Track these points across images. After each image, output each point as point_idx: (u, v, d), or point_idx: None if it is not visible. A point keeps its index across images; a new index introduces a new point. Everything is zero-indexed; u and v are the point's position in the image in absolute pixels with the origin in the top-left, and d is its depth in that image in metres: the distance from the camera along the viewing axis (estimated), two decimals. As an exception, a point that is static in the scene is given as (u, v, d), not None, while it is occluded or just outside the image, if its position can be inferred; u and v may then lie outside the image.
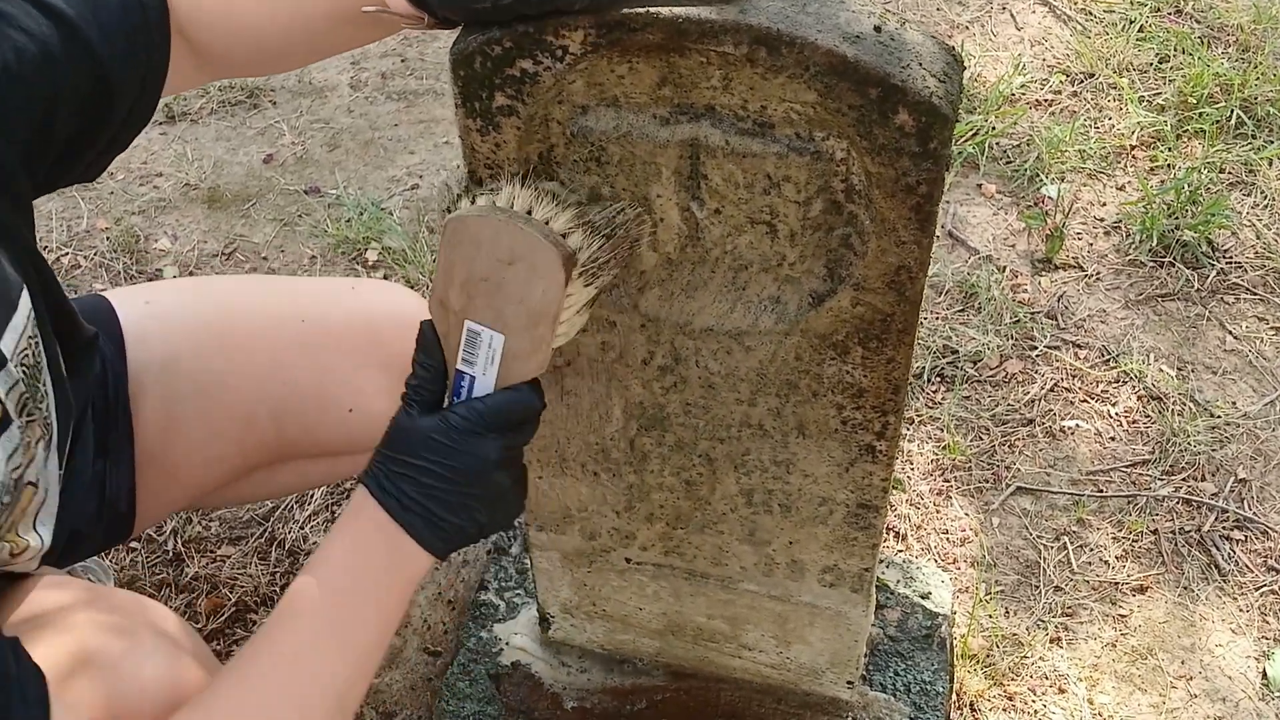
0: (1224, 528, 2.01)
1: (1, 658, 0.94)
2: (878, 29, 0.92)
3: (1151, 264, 2.43)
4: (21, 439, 1.10)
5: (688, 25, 0.90)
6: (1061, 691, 1.80)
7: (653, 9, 0.90)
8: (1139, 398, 2.20)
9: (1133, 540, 1.99)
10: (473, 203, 1.01)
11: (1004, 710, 1.77)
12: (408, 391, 1.04)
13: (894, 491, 2.05)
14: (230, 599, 1.92)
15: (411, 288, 2.43)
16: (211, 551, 1.98)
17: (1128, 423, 2.17)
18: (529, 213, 0.98)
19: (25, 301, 1.11)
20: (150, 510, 1.48)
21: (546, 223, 0.98)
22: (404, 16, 1.01)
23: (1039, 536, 2.01)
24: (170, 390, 1.44)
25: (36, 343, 1.13)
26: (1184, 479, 2.08)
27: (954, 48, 0.97)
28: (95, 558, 1.71)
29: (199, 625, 1.89)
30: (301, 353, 1.49)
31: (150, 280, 2.50)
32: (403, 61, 3.02)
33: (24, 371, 1.10)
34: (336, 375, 1.50)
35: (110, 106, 1.12)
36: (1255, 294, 2.38)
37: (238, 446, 1.49)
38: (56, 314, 1.24)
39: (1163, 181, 2.58)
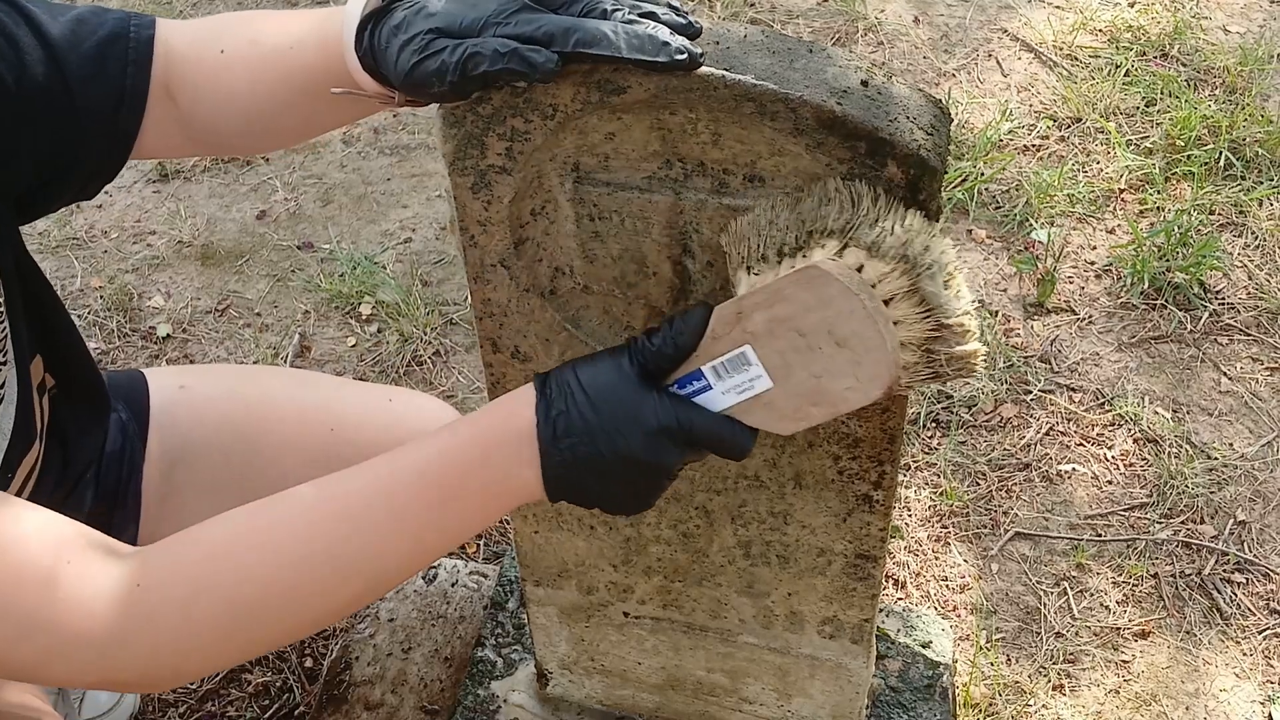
0: (1225, 570, 2.00)
1: None
2: (865, 83, 0.92)
3: (1144, 306, 2.44)
4: None
5: (676, 83, 0.91)
6: (1066, 740, 1.78)
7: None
8: (1135, 440, 2.20)
9: (1133, 585, 1.98)
10: (844, 250, 0.87)
11: (1008, 760, 1.76)
12: (639, 344, 0.92)
13: (892, 539, 2.04)
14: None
15: (405, 341, 2.43)
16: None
17: (1124, 466, 2.16)
18: (889, 301, 0.86)
19: None
20: None
21: (896, 324, 0.87)
22: (375, 96, 1.02)
23: (1039, 582, 2.00)
24: (185, 479, 1.42)
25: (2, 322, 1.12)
26: (1183, 522, 2.07)
27: (941, 100, 0.97)
28: None
29: (193, 684, 1.87)
30: (325, 466, 1.47)
31: (144, 337, 2.50)
32: (394, 116, 3.04)
33: None
34: None
35: (71, 107, 1.12)
36: (1248, 335, 2.38)
37: None
38: (50, 329, 1.23)
39: (1153, 224, 2.59)
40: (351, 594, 0.95)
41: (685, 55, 0.87)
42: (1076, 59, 3.06)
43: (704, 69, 0.89)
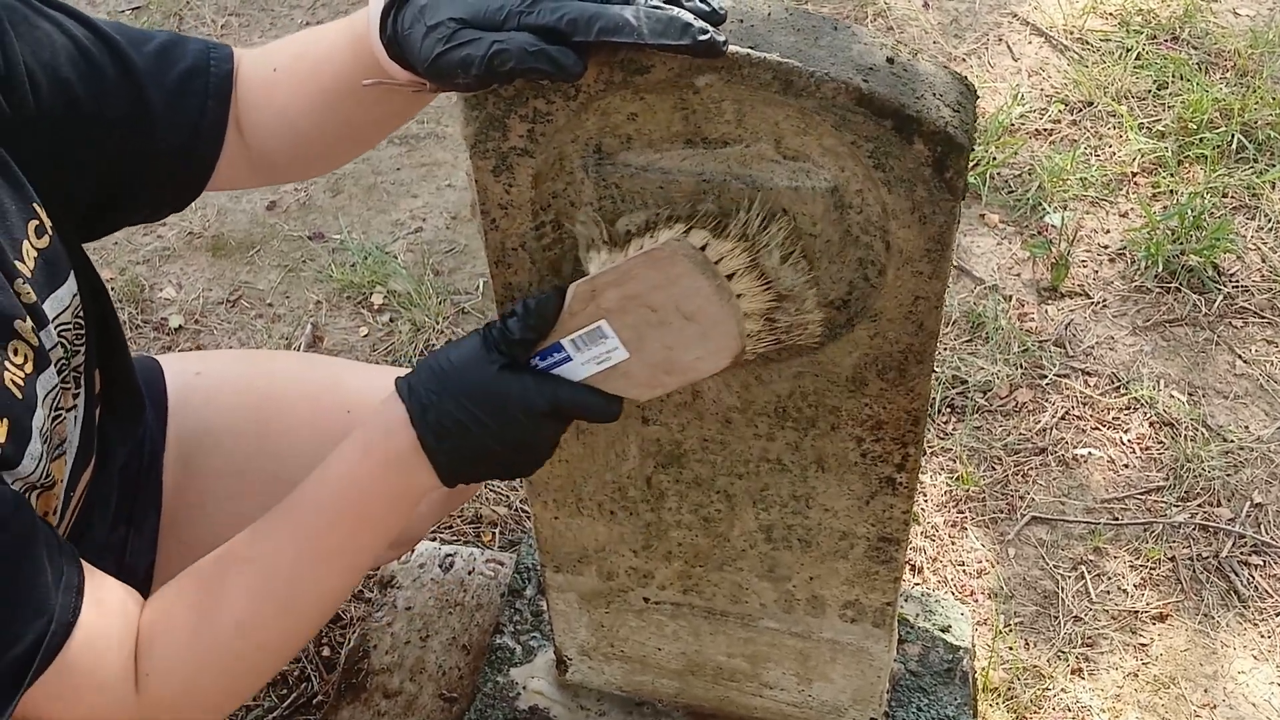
0: (1242, 553, 1.99)
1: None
2: (890, 60, 0.92)
3: (1158, 290, 2.43)
4: (60, 385, 1.09)
5: (700, 62, 0.90)
6: (1085, 723, 1.78)
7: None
8: (1151, 424, 2.19)
9: (1150, 568, 1.98)
10: (688, 232, 0.96)
11: (1028, 744, 1.76)
12: (496, 332, 0.98)
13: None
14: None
15: (418, 330, 2.43)
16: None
17: (1140, 449, 2.16)
18: (731, 276, 0.95)
19: (72, 285, 1.11)
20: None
21: (739, 296, 0.95)
22: (408, 85, 1.01)
23: (1056, 566, 1.99)
24: (204, 465, 1.42)
25: (79, 331, 1.13)
26: (1199, 505, 2.06)
27: (966, 77, 0.97)
28: None
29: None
30: None
31: (156, 329, 2.50)
32: (403, 106, 3.03)
33: (64, 347, 1.10)
34: None
35: (151, 138, 1.13)
36: (1263, 317, 2.37)
37: None
38: (109, 344, 1.25)
39: (1166, 207, 2.58)
40: (314, 625, 1.10)
41: (708, 37, 0.86)
42: (1087, 43, 3.04)
43: (729, 47, 0.89)
